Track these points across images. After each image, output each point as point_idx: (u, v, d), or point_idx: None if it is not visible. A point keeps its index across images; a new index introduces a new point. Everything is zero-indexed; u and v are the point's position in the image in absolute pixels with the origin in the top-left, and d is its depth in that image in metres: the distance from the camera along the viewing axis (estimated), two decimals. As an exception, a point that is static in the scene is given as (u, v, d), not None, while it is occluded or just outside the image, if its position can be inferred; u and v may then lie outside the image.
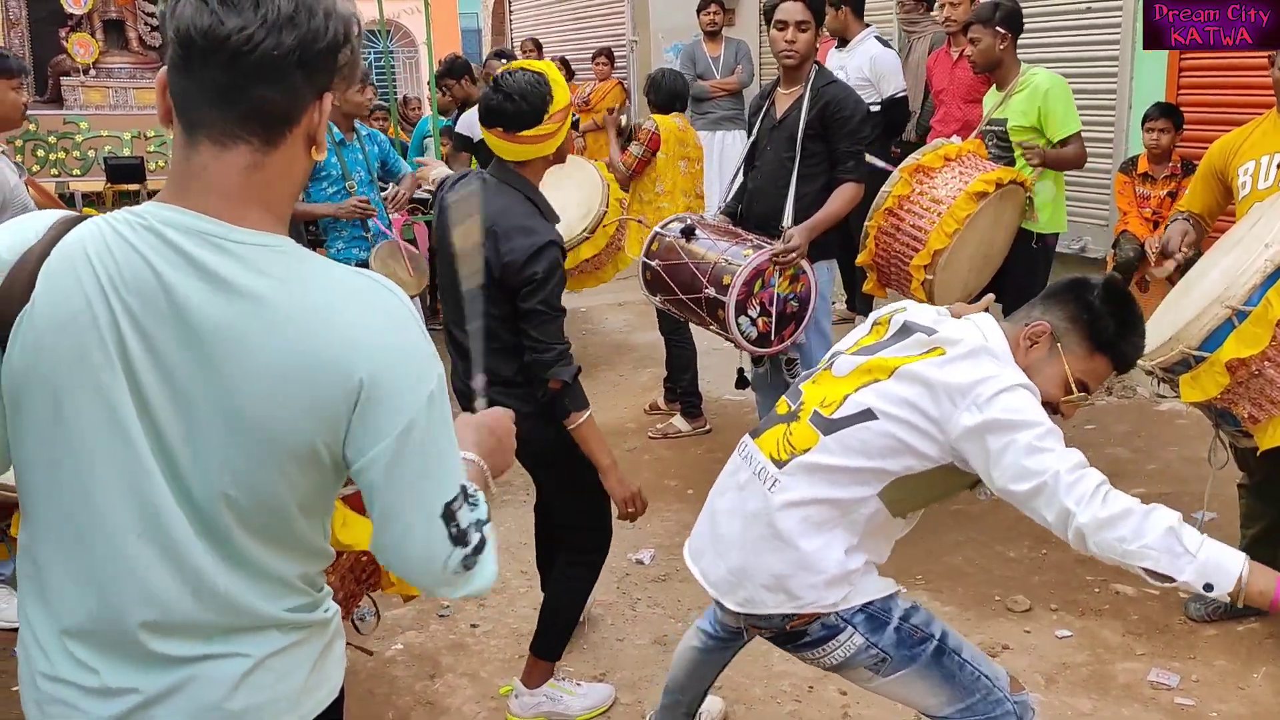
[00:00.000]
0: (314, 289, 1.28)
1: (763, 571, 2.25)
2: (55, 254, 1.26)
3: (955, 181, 4.15)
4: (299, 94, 1.27)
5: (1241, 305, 2.86)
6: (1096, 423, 5.36)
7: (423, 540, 1.35)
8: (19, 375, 1.27)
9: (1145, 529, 1.98)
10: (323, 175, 5.12)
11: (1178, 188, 5.62)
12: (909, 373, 2.18)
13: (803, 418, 2.30)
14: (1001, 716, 2.27)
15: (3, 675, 3.48)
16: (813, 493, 2.21)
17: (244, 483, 1.29)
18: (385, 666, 3.49)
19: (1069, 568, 3.95)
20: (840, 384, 2.28)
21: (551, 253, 2.84)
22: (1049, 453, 2.04)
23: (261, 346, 1.25)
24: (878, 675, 2.28)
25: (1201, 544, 1.96)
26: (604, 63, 9.65)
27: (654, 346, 6.94)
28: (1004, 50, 4.76)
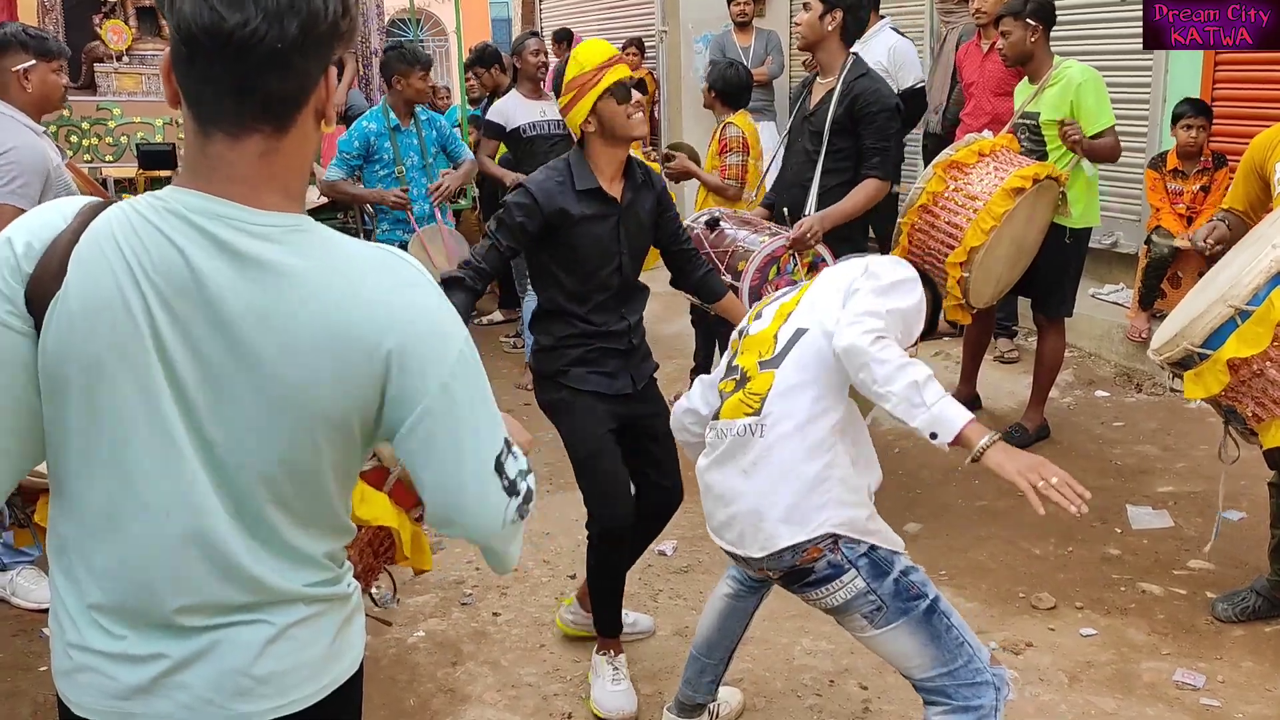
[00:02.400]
0: (335, 264, 1.30)
1: (776, 506, 2.38)
2: (84, 240, 1.27)
3: (991, 177, 4.11)
4: (307, 77, 1.28)
5: (1244, 305, 2.87)
6: (1125, 420, 5.31)
7: (479, 495, 1.39)
8: (54, 360, 1.28)
9: (895, 377, 2.18)
10: (375, 159, 5.23)
11: (1210, 182, 5.56)
12: (813, 291, 2.55)
13: (752, 375, 2.48)
14: (980, 685, 2.34)
15: (29, 655, 3.53)
16: (800, 413, 2.39)
17: (280, 458, 1.32)
18: (407, 654, 3.51)
19: (1095, 565, 3.92)
20: (762, 335, 2.54)
21: (517, 191, 3.06)
22: (887, 321, 2.31)
23: (288, 323, 1.27)
24: (871, 625, 2.37)
25: (939, 400, 2.16)
26: (634, 53, 9.62)
27: (679, 337, 6.93)
28: (1035, 43, 4.71)
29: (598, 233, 3.07)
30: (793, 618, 3.56)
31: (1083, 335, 6.09)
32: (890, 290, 2.41)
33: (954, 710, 2.34)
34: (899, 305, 2.39)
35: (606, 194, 3.07)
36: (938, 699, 2.37)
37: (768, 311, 2.63)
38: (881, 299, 2.37)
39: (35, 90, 3.64)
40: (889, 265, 2.51)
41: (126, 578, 1.34)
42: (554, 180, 3.04)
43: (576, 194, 3.03)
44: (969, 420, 2.17)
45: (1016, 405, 5.43)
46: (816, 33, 4.23)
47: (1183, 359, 3.02)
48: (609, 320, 3.14)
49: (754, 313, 2.72)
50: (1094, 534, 4.16)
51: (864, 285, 2.41)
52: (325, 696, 1.44)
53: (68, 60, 3.81)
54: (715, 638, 2.90)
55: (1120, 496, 4.46)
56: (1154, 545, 4.01)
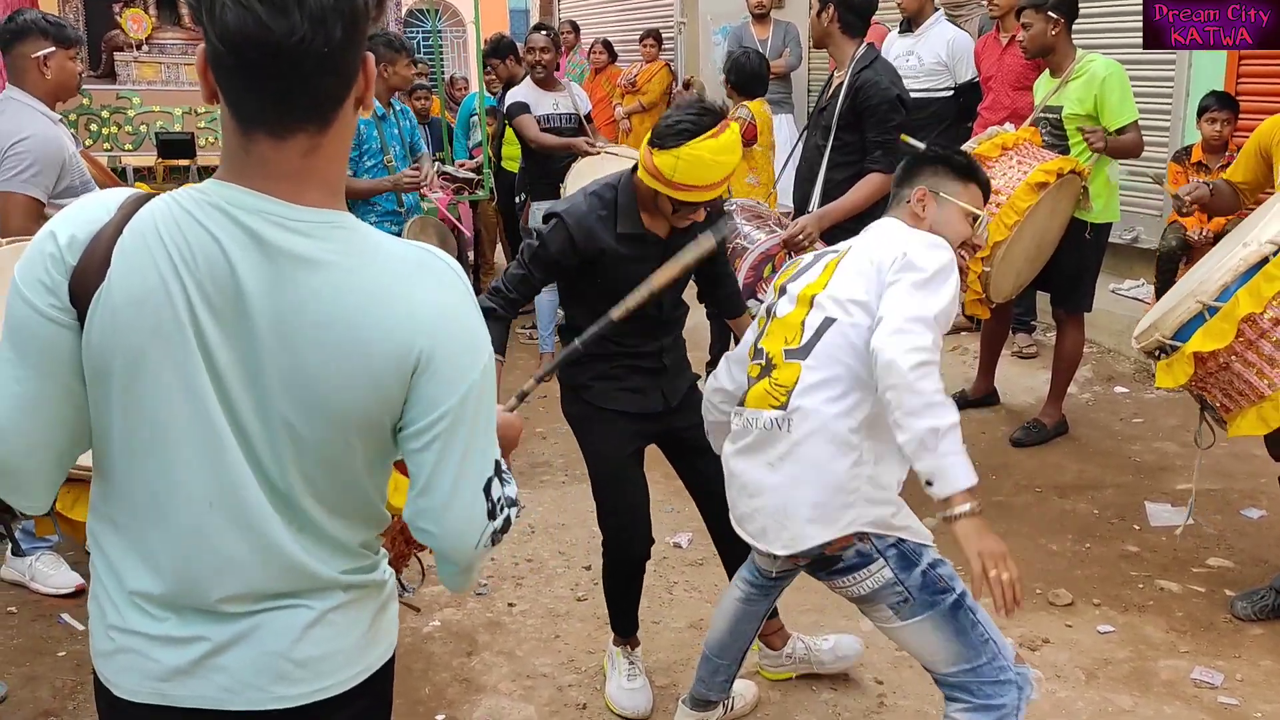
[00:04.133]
0: (375, 263, 1.31)
1: (802, 504, 2.35)
2: (128, 232, 1.28)
3: (1014, 171, 4.09)
4: (351, 73, 1.29)
5: (1212, 301, 2.97)
6: (1144, 416, 5.28)
7: (464, 512, 1.39)
8: (98, 352, 1.29)
9: (920, 414, 2.11)
10: (364, 150, 5.17)
11: (1233, 177, 5.52)
12: (841, 274, 2.45)
13: (778, 363, 2.43)
14: (1003, 683, 2.31)
15: (49, 640, 3.55)
16: (827, 409, 2.34)
17: (315, 454, 1.33)
18: (423, 643, 3.51)
19: (1112, 562, 3.90)
20: (789, 320, 2.47)
21: (552, 221, 2.94)
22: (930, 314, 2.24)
23: (326, 320, 1.27)
24: (897, 617, 2.35)
25: (950, 454, 2.10)
26: (651, 45, 9.60)
27: (695, 330, 6.92)
28: (1056, 36, 4.67)
29: (637, 272, 2.86)
30: (807, 612, 3.55)
31: (1102, 331, 6.05)
32: (933, 283, 2.28)
33: (975, 709, 2.32)
34: (944, 300, 2.28)
35: (649, 236, 2.93)
36: (959, 695, 2.35)
37: (793, 288, 2.55)
38: (927, 297, 2.26)
39: (54, 77, 3.64)
40: (927, 250, 2.36)
41: (170, 565, 1.36)
42: (595, 215, 2.88)
43: (617, 234, 2.89)
44: (968, 485, 2.11)
45: (1034, 401, 5.41)
46: (819, 30, 4.27)
47: (1156, 349, 3.12)
48: (639, 343, 3.02)
49: (777, 284, 2.64)
50: (1112, 531, 4.14)
51: (904, 279, 2.29)
52: (360, 682, 1.46)
53: (84, 47, 3.82)
54: (728, 640, 2.88)
55: (1139, 493, 4.44)
56: (1172, 542, 3.99)
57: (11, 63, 3.65)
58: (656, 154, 2.70)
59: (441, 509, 1.38)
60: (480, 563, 1.46)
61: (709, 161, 2.68)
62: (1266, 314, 2.94)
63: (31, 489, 1.41)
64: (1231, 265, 2.99)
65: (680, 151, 2.66)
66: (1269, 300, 2.92)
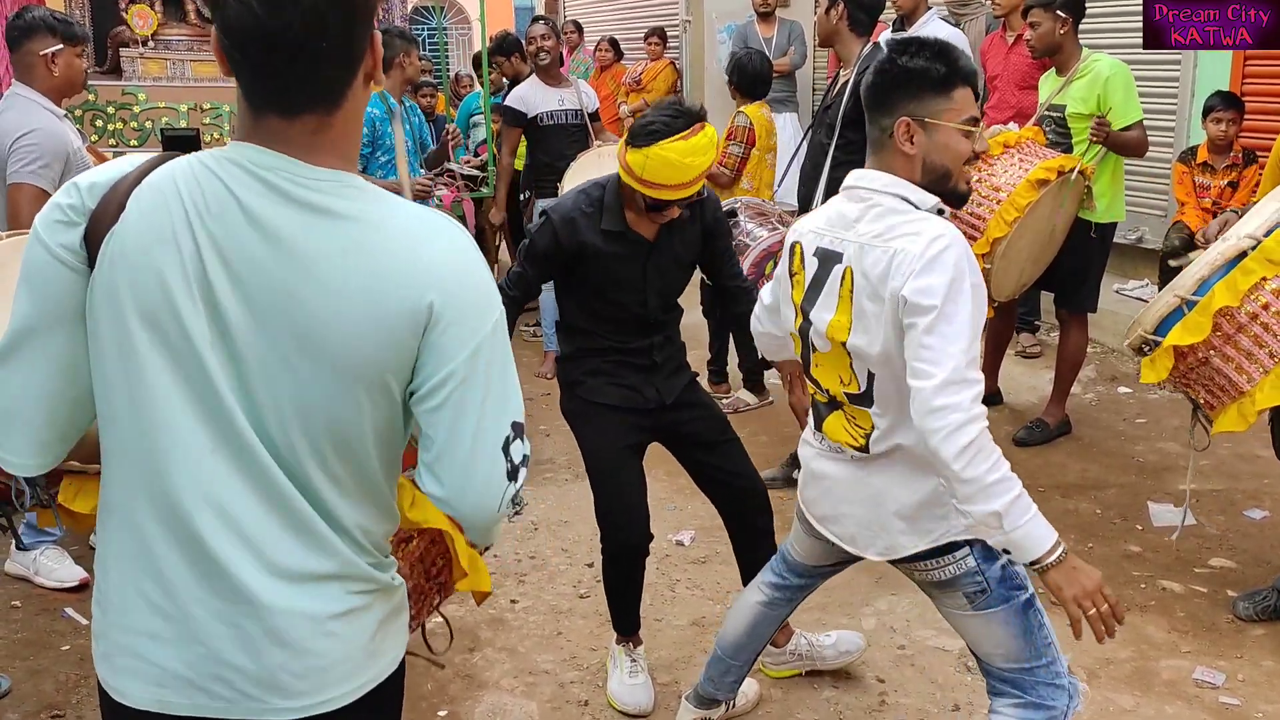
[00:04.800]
0: (390, 217, 1.33)
1: (896, 519, 2.33)
2: (146, 183, 1.31)
3: (1015, 169, 4.09)
4: (352, 59, 1.31)
5: (1190, 295, 3.00)
6: (1148, 416, 5.28)
7: (485, 472, 1.37)
8: (103, 292, 1.31)
9: (975, 500, 2.01)
10: (379, 146, 5.16)
11: (1238, 178, 5.51)
12: (857, 317, 2.22)
13: (844, 403, 2.35)
14: (1056, 690, 2.32)
15: (53, 634, 3.56)
16: (910, 440, 2.24)
17: (324, 415, 1.32)
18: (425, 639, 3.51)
19: (1115, 562, 3.90)
20: (834, 362, 2.32)
21: (540, 219, 3.03)
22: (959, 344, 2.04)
23: (341, 270, 1.29)
24: (970, 606, 2.32)
25: (1019, 526, 2.00)
26: (656, 43, 9.60)
27: (698, 328, 6.91)
28: (1064, 35, 4.66)
29: (622, 270, 3.00)
30: (810, 610, 3.55)
31: (1106, 331, 6.05)
32: (948, 304, 2.04)
33: (1027, 705, 2.31)
34: (965, 312, 2.05)
35: (632, 235, 2.98)
36: (1010, 691, 2.34)
37: (816, 321, 2.32)
38: (948, 328, 2.03)
39: (61, 74, 3.66)
40: (926, 270, 2.07)
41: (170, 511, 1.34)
42: (580, 211, 2.95)
43: (601, 231, 2.95)
44: (1046, 550, 2.02)
45: (1038, 400, 5.41)
46: (826, 28, 4.25)
47: (1140, 345, 3.16)
48: (630, 340, 3.08)
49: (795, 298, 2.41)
50: (1115, 531, 4.14)
51: (917, 324, 2.05)
52: (363, 695, 1.43)
53: (90, 44, 3.84)
54: (744, 641, 2.86)
55: (1141, 493, 4.44)
56: (1175, 543, 3.98)
57: (19, 60, 3.67)
58: (629, 151, 2.80)
59: (461, 471, 1.36)
60: (500, 525, 1.45)
61: (675, 163, 2.74)
62: (1243, 308, 2.95)
63: (19, 437, 1.39)
64: (1209, 259, 3.01)
65: (649, 151, 2.74)
66: (1244, 294, 2.94)
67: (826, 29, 4.25)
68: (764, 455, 4.95)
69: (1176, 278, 3.12)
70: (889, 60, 2.23)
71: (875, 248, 2.17)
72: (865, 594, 3.66)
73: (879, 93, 2.24)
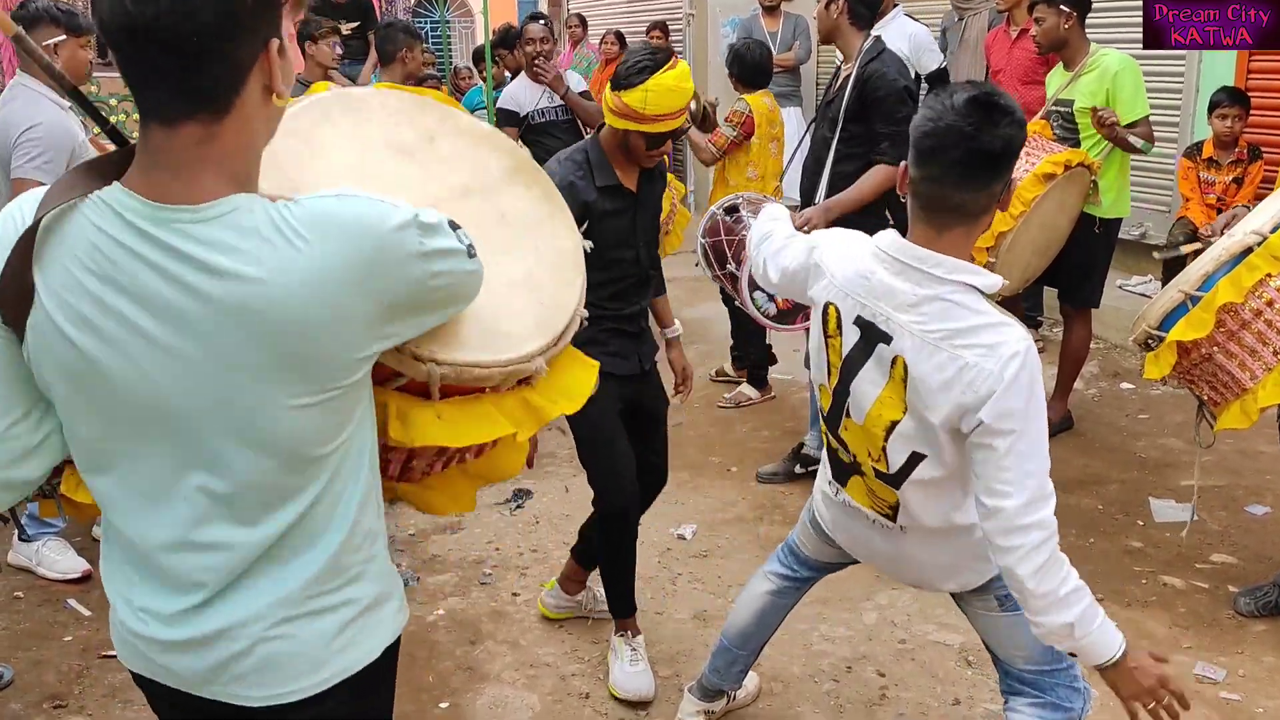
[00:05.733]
0: (272, 251, 1.25)
1: (935, 575, 2.36)
2: (47, 253, 1.28)
3: (1021, 163, 4.08)
4: (236, 61, 1.25)
5: (1194, 291, 3.01)
6: (1150, 412, 5.27)
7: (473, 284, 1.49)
8: (36, 366, 1.33)
9: (1047, 612, 1.98)
10: None
11: (1243, 174, 5.50)
12: (913, 409, 2.09)
13: (868, 473, 2.28)
14: (1071, 694, 2.34)
15: (55, 626, 3.57)
16: (937, 517, 2.23)
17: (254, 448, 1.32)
18: (427, 631, 3.53)
19: (1116, 558, 3.90)
20: (868, 435, 2.20)
21: None
22: (1038, 460, 1.97)
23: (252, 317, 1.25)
24: (1000, 608, 2.32)
25: (1088, 635, 1.99)
26: (659, 36, 9.58)
27: (701, 322, 6.92)
28: (1069, 30, 4.65)
29: (617, 225, 3.07)
30: (811, 604, 3.55)
31: (1109, 327, 6.04)
32: (1030, 426, 1.95)
33: (1046, 705, 2.33)
34: (1041, 435, 1.98)
35: (624, 188, 3.08)
36: (1028, 690, 2.35)
37: (861, 387, 2.17)
38: (1030, 450, 1.96)
39: (65, 65, 3.65)
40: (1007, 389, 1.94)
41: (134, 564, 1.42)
42: (575, 174, 3.02)
43: (598, 189, 3.03)
44: (1114, 654, 2.01)
45: (1040, 395, 5.40)
46: (827, 23, 4.23)
47: (1145, 340, 3.17)
48: (623, 306, 3.15)
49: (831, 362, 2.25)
50: (1116, 526, 4.14)
51: (999, 445, 1.95)
52: (330, 687, 1.45)
53: (94, 35, 3.83)
54: (752, 630, 2.86)
55: (1143, 489, 4.44)
56: (1176, 538, 3.99)
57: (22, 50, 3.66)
58: (625, 94, 2.90)
59: None
60: None
61: (675, 88, 2.91)
62: (1247, 305, 2.95)
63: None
64: (1214, 255, 3.00)
65: (649, 85, 2.88)
66: (1249, 290, 2.93)
67: (827, 24, 4.24)
68: (766, 450, 4.95)
69: (1181, 273, 3.12)
70: (1011, 122, 1.96)
71: (940, 350, 2.00)
72: (866, 588, 3.67)
73: (979, 158, 1.95)
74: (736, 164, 5.42)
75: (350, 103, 1.83)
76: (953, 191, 1.99)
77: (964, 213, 2.01)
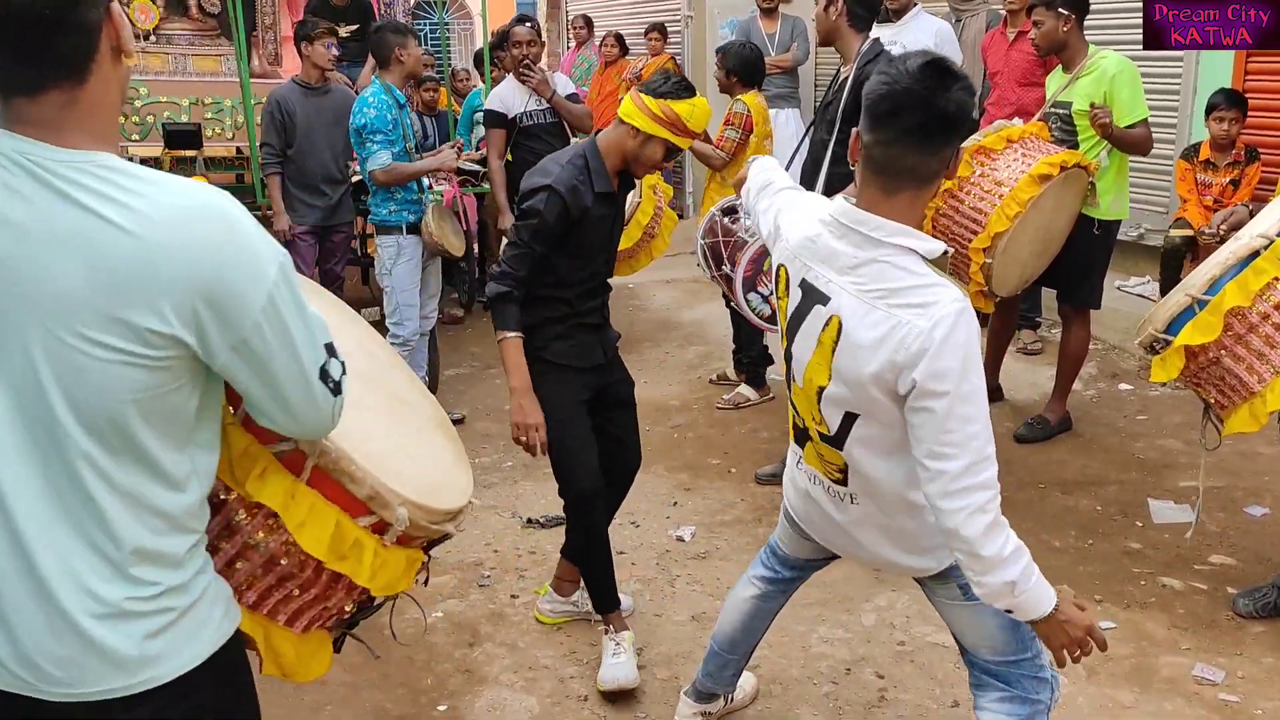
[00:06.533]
0: (139, 203, 1.32)
1: (896, 555, 2.34)
2: None
3: (1018, 164, 4.09)
4: (90, 27, 1.33)
5: (1201, 294, 3.01)
6: (1149, 413, 5.27)
7: (310, 404, 1.48)
8: None
9: (990, 573, 2.00)
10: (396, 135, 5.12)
11: (1240, 175, 5.50)
12: (838, 372, 2.12)
13: (814, 436, 2.30)
14: (1039, 683, 2.34)
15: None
16: (884, 485, 2.23)
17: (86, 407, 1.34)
18: (425, 634, 3.52)
19: (1115, 559, 3.90)
20: (807, 397, 2.23)
21: (542, 195, 3.02)
22: (978, 423, 1.98)
23: (99, 257, 1.30)
24: (963, 596, 2.32)
25: (1025, 591, 2.01)
26: (657, 38, 9.59)
27: (700, 324, 6.93)
28: (1068, 32, 4.66)
29: (600, 230, 3.16)
30: (810, 606, 3.56)
31: (1107, 328, 6.05)
32: (966, 386, 1.96)
33: (1012, 699, 2.33)
34: (979, 396, 1.99)
35: (613, 194, 3.16)
36: (995, 684, 2.35)
37: (797, 356, 2.23)
38: (969, 412, 1.97)
39: None
40: (940, 350, 1.95)
41: None
42: (577, 179, 3.06)
43: (595, 195, 3.09)
44: (1049, 609, 2.04)
45: (1039, 397, 5.41)
46: (826, 25, 4.24)
47: (1151, 344, 3.17)
48: (589, 301, 3.24)
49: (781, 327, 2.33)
50: (1115, 527, 4.14)
51: (936, 406, 1.96)
52: (149, 690, 1.45)
53: None
54: (740, 636, 2.87)
55: (1142, 490, 4.44)
56: (1175, 539, 3.99)
57: None
58: (676, 104, 3.01)
59: (290, 411, 1.47)
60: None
61: (706, 111, 3.09)
62: (1255, 308, 2.95)
63: None
64: (1221, 259, 3.00)
65: (695, 101, 3.04)
66: (1256, 294, 2.93)
67: (826, 26, 4.25)
68: (765, 451, 4.95)
69: (1188, 276, 3.12)
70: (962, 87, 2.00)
71: (875, 309, 2.03)
72: (865, 590, 3.67)
73: (934, 122, 1.99)
74: (735, 164, 5.43)
75: (343, 308, 2.17)
76: (908, 154, 2.02)
77: (916, 175, 2.04)
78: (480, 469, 4.77)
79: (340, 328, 1.85)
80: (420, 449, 1.98)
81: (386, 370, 2.12)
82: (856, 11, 4.17)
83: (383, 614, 1.95)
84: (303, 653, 1.80)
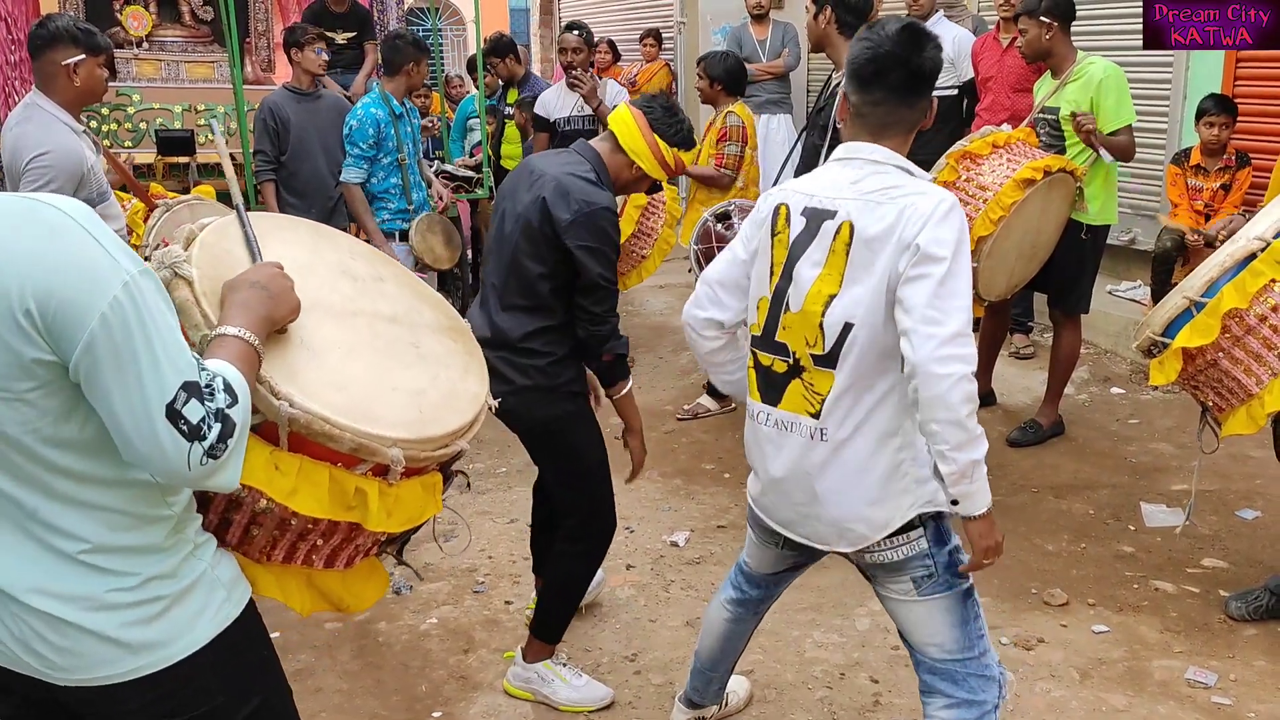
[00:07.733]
0: None
1: (858, 506, 2.32)
2: None
3: (1003, 169, 4.10)
4: None
5: (1199, 297, 3.03)
6: (1141, 417, 5.29)
7: (151, 442, 1.35)
8: None
9: (964, 448, 2.10)
10: (382, 147, 5.16)
11: (1231, 180, 5.53)
12: (851, 270, 2.25)
13: (807, 365, 2.33)
14: (986, 681, 2.36)
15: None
16: (862, 408, 2.27)
17: None
18: (420, 640, 3.52)
19: (1108, 563, 3.91)
20: (806, 317, 2.30)
21: (609, 216, 2.90)
22: (965, 299, 2.14)
23: None
24: (916, 590, 2.34)
25: (980, 480, 2.15)
26: (651, 44, 9.60)
27: (694, 330, 6.93)
28: (1051, 40, 4.68)
29: None
30: (804, 611, 3.57)
31: (1099, 332, 6.07)
32: (956, 264, 2.13)
33: (960, 704, 2.34)
34: (968, 271, 2.16)
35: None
36: (941, 686, 2.36)
37: (800, 278, 2.30)
38: (956, 283, 2.13)
39: (82, 84, 3.68)
40: (937, 224, 2.14)
41: None
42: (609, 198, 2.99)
43: None
44: (990, 505, 2.19)
45: (1031, 401, 5.42)
46: (816, 32, 4.28)
47: (1149, 347, 3.18)
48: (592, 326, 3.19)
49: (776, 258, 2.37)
50: (1107, 531, 4.16)
51: (929, 275, 2.11)
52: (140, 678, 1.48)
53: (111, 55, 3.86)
54: (718, 655, 2.89)
55: (1134, 494, 4.45)
56: (1167, 543, 4.00)
57: (40, 68, 3.68)
58: (686, 154, 3.07)
59: (128, 444, 1.36)
60: (218, 474, 1.41)
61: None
62: (1252, 310, 2.96)
63: None
64: (1218, 261, 3.02)
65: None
66: (1253, 296, 2.95)
67: (816, 33, 4.29)
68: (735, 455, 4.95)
69: (1186, 279, 3.13)
70: (935, 46, 2.28)
71: (881, 203, 2.21)
72: (859, 595, 3.67)
73: (913, 78, 2.27)
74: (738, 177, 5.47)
75: (324, 231, 2.00)
76: (896, 108, 2.29)
77: (903, 122, 2.32)
78: (474, 475, 4.77)
79: (315, 256, 1.82)
80: (411, 372, 1.85)
81: (371, 289, 1.94)
82: (845, 19, 4.20)
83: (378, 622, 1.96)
84: (351, 585, 1.82)
